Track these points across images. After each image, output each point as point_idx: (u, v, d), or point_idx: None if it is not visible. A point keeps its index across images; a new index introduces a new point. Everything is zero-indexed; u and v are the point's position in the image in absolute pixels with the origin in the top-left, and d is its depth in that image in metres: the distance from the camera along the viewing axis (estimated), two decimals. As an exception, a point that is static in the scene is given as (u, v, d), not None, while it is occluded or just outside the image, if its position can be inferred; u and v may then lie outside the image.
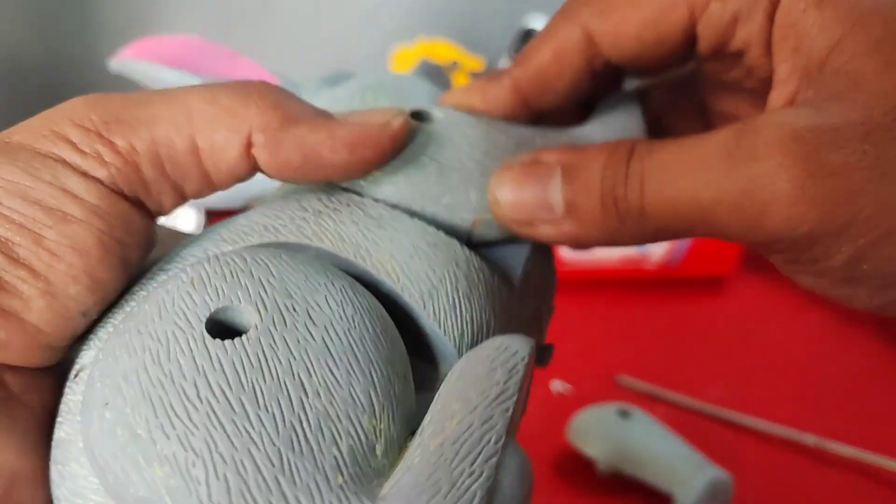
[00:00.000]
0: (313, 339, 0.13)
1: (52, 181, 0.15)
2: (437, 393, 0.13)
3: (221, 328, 0.13)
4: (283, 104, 0.16)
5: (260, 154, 0.16)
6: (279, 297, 0.13)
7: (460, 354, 0.15)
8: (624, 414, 0.39)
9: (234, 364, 0.12)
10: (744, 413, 0.45)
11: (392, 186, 0.16)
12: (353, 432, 0.12)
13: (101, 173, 0.15)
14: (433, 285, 0.15)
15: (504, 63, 0.91)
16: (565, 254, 0.64)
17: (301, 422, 0.12)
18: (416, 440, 0.12)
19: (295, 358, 0.12)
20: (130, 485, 0.12)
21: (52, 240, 0.14)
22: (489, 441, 0.12)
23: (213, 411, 0.12)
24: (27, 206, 0.14)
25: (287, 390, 0.12)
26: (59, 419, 0.14)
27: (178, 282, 0.14)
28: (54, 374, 0.15)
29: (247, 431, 0.12)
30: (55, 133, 0.15)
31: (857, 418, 0.45)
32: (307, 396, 0.12)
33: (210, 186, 0.16)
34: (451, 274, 0.15)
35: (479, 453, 0.12)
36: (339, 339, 0.13)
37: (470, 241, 0.17)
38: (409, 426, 0.13)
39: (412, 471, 0.12)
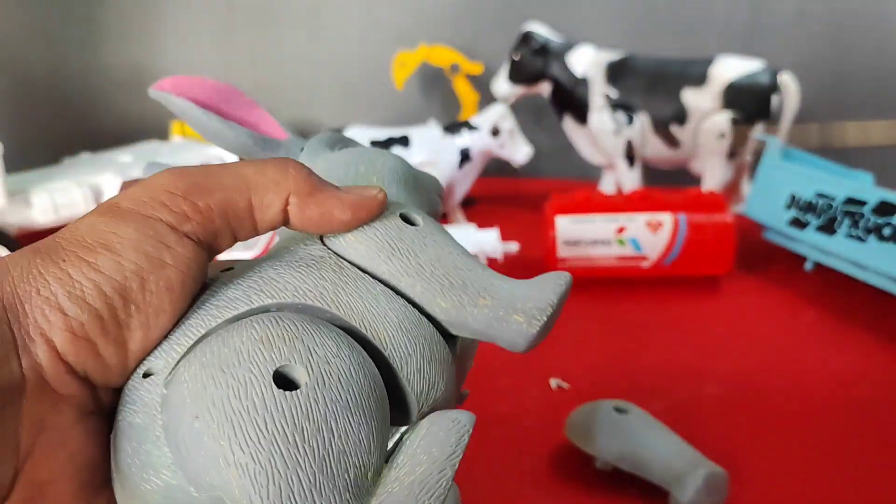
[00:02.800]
0: (341, 398, 0.18)
1: (155, 235, 0.20)
2: (408, 442, 0.19)
3: (281, 377, 0.18)
4: (310, 179, 0.22)
5: (292, 210, 0.22)
6: (321, 362, 0.19)
7: (418, 404, 0.21)
8: (621, 410, 0.40)
9: (290, 409, 0.18)
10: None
11: (386, 269, 0.22)
12: (358, 464, 0.18)
13: (186, 227, 0.20)
14: (409, 353, 0.21)
15: (504, 68, 0.91)
16: (565, 253, 0.65)
17: (329, 454, 0.18)
18: (394, 474, 0.19)
19: (329, 409, 0.18)
20: (208, 475, 0.17)
21: (153, 282, 0.19)
22: (441, 484, 0.18)
23: (275, 439, 0.17)
24: (138, 256, 0.19)
25: (323, 431, 0.18)
26: (131, 407, 0.19)
27: (250, 335, 0.19)
28: None
29: (295, 456, 0.17)
30: (153, 199, 0.20)
31: (852, 415, 0.45)
32: (334, 437, 0.18)
33: (255, 232, 0.22)
34: (421, 346, 0.21)
35: (435, 491, 0.18)
36: (356, 398, 0.19)
37: (434, 321, 0.22)
38: (385, 457, 0.19)
39: (392, 496, 0.18)
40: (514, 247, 0.72)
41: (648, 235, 0.64)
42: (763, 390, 0.48)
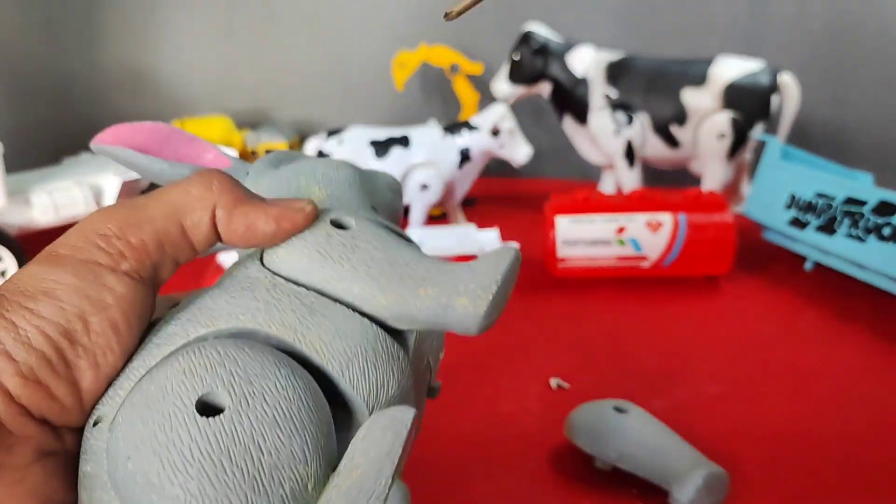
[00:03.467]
0: (266, 415, 0.19)
1: (94, 279, 0.20)
2: (350, 447, 0.19)
3: (205, 405, 0.19)
4: (234, 190, 0.22)
5: (220, 224, 0.22)
6: (244, 384, 0.19)
7: (368, 406, 0.21)
8: (621, 410, 0.40)
9: (215, 434, 0.18)
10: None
11: (320, 278, 0.22)
12: (293, 477, 0.18)
13: (124, 266, 0.21)
14: (349, 359, 0.21)
15: (504, 68, 0.91)
16: (565, 253, 0.65)
17: (259, 472, 0.18)
18: (334, 481, 0.19)
19: (255, 429, 0.18)
20: None
21: (96, 324, 0.20)
22: (380, 484, 0.18)
23: (203, 467, 0.18)
24: (79, 300, 0.20)
25: (250, 452, 0.18)
26: (84, 456, 0.20)
27: (174, 369, 0.19)
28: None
29: (225, 481, 0.18)
30: (88, 242, 0.21)
31: (851, 414, 0.45)
32: (263, 455, 0.18)
33: (194, 253, 0.22)
34: (362, 349, 0.21)
35: (373, 492, 0.18)
36: (284, 413, 0.19)
37: (379, 321, 0.22)
38: (332, 464, 0.19)
39: (330, 503, 0.18)
40: (514, 247, 0.72)
41: (648, 235, 0.64)
42: (763, 390, 0.48)
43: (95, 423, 0.20)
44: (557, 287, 0.66)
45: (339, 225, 0.24)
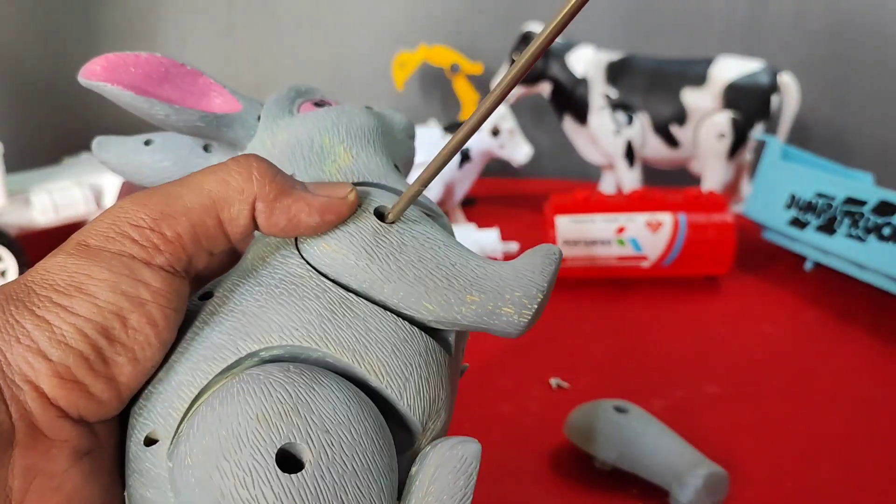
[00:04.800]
0: (347, 468, 0.18)
1: (129, 274, 0.19)
2: (417, 484, 0.20)
3: (284, 456, 0.18)
4: (275, 179, 0.21)
5: (259, 217, 0.21)
6: (321, 434, 0.18)
7: (422, 424, 0.21)
8: (621, 410, 0.40)
9: (299, 493, 0.18)
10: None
11: (366, 277, 0.21)
12: None
13: (159, 260, 0.20)
14: (405, 379, 0.21)
15: (504, 67, 0.91)
16: (564, 253, 0.65)
17: None
18: None
19: (337, 483, 0.18)
20: None
21: (134, 320, 0.19)
22: None
23: None
24: (115, 296, 0.19)
25: None
26: (140, 479, 0.19)
27: (244, 412, 0.18)
28: (118, 417, 0.20)
29: None
30: (120, 234, 0.20)
31: (851, 415, 0.45)
32: None
33: (229, 244, 0.21)
34: (416, 365, 0.21)
35: None
36: (361, 463, 0.19)
37: (425, 326, 0.22)
38: (395, 494, 0.20)
39: None
40: (514, 247, 0.72)
41: (648, 235, 0.64)
42: (763, 390, 0.48)
43: (149, 443, 0.19)
44: (557, 287, 0.65)
45: (380, 214, 0.23)
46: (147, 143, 0.28)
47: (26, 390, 0.18)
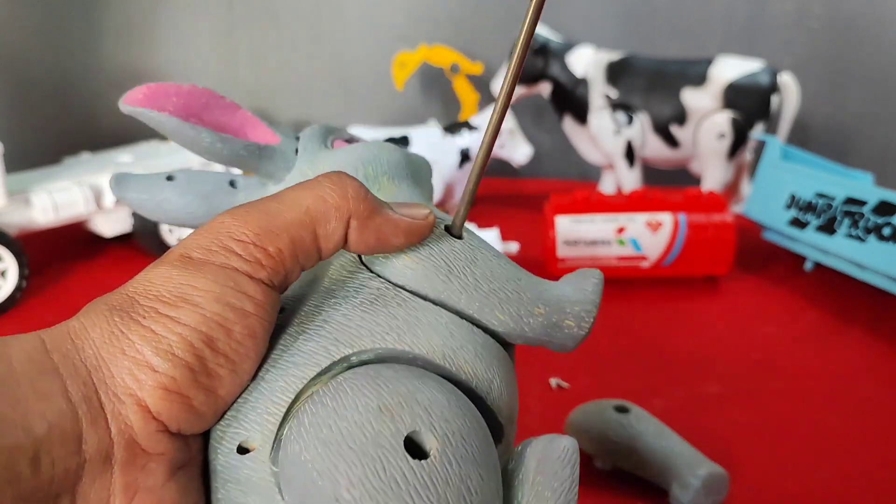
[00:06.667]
0: (468, 454, 0.19)
1: (234, 286, 0.19)
2: (522, 476, 0.20)
3: (411, 445, 0.18)
4: (367, 199, 0.21)
5: (351, 234, 0.21)
6: (442, 423, 0.19)
7: (504, 423, 0.22)
8: (621, 410, 0.40)
9: (430, 478, 0.18)
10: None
11: (443, 289, 0.22)
12: None
13: (262, 274, 0.20)
14: (490, 379, 0.21)
15: (503, 68, 0.91)
16: (564, 253, 0.65)
17: None
18: None
19: (462, 469, 0.18)
20: None
21: (238, 332, 0.19)
22: None
23: None
24: (221, 307, 0.19)
25: (462, 494, 0.18)
26: (236, 488, 0.19)
27: (364, 404, 0.18)
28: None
29: None
30: (224, 248, 0.20)
31: (851, 415, 0.45)
32: (473, 495, 0.18)
33: (319, 260, 0.22)
34: (498, 368, 0.22)
35: None
36: (478, 449, 0.19)
37: (495, 336, 0.23)
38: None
39: None
40: (514, 247, 0.72)
41: (648, 235, 0.64)
42: (763, 390, 0.48)
43: (242, 451, 0.19)
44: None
45: (449, 231, 0.24)
46: (169, 178, 0.27)
47: (129, 404, 0.18)
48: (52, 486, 0.16)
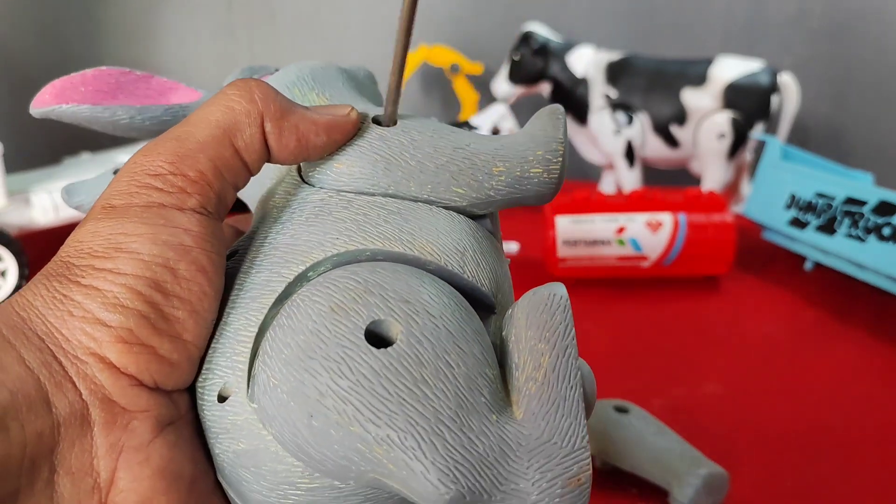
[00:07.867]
0: (440, 328, 0.17)
1: (165, 223, 0.18)
2: (513, 336, 0.18)
3: (374, 337, 0.17)
4: (277, 98, 0.20)
5: (270, 139, 0.20)
6: (402, 304, 0.17)
7: (492, 294, 0.20)
8: (621, 409, 0.40)
9: (401, 363, 0.16)
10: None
11: (388, 182, 0.21)
12: (486, 382, 0.17)
13: (191, 203, 0.19)
14: (461, 253, 0.20)
15: (504, 68, 0.91)
16: (564, 253, 0.65)
17: (459, 388, 0.16)
18: (521, 375, 0.17)
19: (436, 346, 0.17)
20: (352, 464, 0.16)
21: (184, 269, 0.18)
22: (572, 363, 0.17)
23: (404, 400, 0.16)
24: (159, 248, 0.18)
25: (442, 370, 0.16)
26: (227, 437, 0.18)
27: (316, 311, 0.17)
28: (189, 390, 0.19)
29: (432, 406, 0.16)
30: (143, 186, 0.19)
31: (851, 414, 0.45)
32: (454, 369, 0.17)
33: (250, 174, 0.20)
34: (467, 241, 0.20)
35: (569, 372, 0.17)
36: (451, 322, 0.17)
37: (462, 211, 0.21)
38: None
39: (533, 397, 0.17)
40: (514, 247, 0.72)
41: (648, 235, 0.64)
42: (763, 390, 0.48)
43: (222, 399, 0.18)
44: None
45: (377, 122, 0.22)
46: (116, 171, 0.27)
47: (91, 363, 0.17)
48: (25, 451, 0.16)
